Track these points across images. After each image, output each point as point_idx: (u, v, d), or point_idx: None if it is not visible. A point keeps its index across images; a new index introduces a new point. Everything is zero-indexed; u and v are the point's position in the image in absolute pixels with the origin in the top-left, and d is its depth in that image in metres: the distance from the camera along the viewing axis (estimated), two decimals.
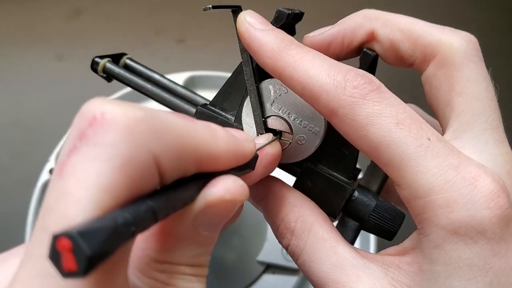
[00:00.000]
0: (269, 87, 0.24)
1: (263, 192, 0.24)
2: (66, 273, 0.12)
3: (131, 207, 0.14)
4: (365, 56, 0.24)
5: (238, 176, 0.18)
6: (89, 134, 0.14)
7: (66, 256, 0.12)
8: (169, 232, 0.17)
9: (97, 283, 0.13)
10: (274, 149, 0.23)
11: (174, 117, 0.16)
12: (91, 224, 0.12)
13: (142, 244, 0.18)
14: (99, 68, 0.28)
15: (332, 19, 0.26)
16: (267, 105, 0.24)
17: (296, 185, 0.25)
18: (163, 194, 0.15)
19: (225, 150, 0.18)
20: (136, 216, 0.13)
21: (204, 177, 0.17)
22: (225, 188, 0.17)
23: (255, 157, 0.21)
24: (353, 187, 0.24)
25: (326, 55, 0.21)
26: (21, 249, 0.19)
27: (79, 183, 0.13)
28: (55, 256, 0.12)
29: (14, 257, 0.18)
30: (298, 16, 0.25)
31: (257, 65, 0.23)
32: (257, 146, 0.22)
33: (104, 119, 0.14)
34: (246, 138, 0.20)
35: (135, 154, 0.14)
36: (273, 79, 0.24)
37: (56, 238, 0.12)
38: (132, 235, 0.13)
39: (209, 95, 0.27)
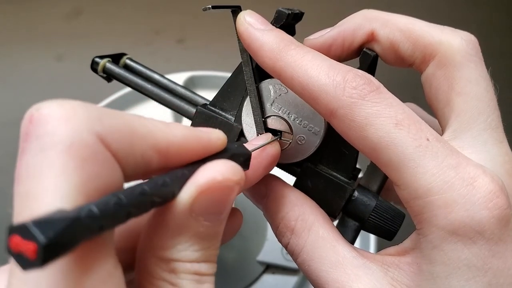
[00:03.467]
0: (269, 87, 0.24)
1: (264, 190, 0.24)
2: (26, 265, 0.12)
3: (98, 201, 0.13)
4: (365, 56, 0.24)
5: None
6: (30, 131, 0.14)
7: (23, 248, 0.11)
8: (170, 226, 0.17)
9: (73, 276, 0.13)
10: (273, 149, 0.23)
11: (117, 110, 0.16)
12: (49, 216, 0.12)
13: (147, 243, 0.17)
14: (99, 68, 0.28)
15: (332, 20, 0.26)
16: (267, 105, 0.24)
17: (296, 185, 0.25)
18: (135, 188, 0.15)
19: (182, 137, 0.17)
20: (103, 207, 0.13)
21: (185, 169, 0.17)
22: (215, 170, 0.17)
23: (249, 156, 0.20)
24: (353, 187, 0.24)
25: (328, 57, 0.21)
26: None
27: (34, 179, 0.14)
28: (19, 258, 0.12)
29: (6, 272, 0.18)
30: (298, 16, 0.25)
31: (257, 65, 0.23)
32: (256, 147, 0.22)
33: (40, 114, 0.14)
34: (212, 129, 0.19)
35: (77, 134, 0.14)
36: (273, 79, 0.24)
37: (12, 231, 0.12)
38: (100, 227, 0.13)
39: (209, 95, 0.27)
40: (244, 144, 0.21)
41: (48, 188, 0.13)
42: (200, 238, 0.17)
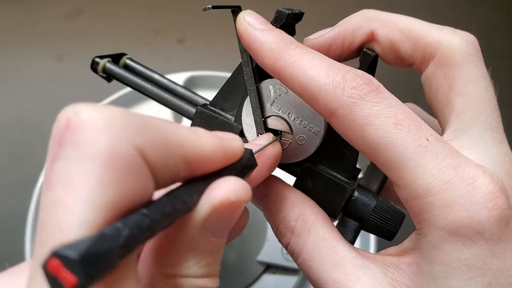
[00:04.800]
0: (269, 87, 0.24)
1: (264, 191, 0.24)
2: None
3: (129, 221, 0.13)
4: (364, 56, 0.24)
5: (244, 178, 0.18)
6: (67, 137, 0.14)
7: (63, 275, 0.11)
8: (178, 243, 0.17)
9: None
10: (275, 149, 0.23)
11: (152, 116, 0.16)
12: (77, 239, 0.12)
13: (152, 260, 0.17)
14: (99, 68, 0.28)
15: (332, 20, 0.26)
16: (267, 105, 0.24)
17: (296, 185, 0.25)
18: (158, 202, 0.15)
19: (211, 148, 0.17)
20: (127, 223, 0.13)
21: (200, 181, 0.17)
22: (229, 189, 0.17)
23: (252, 154, 0.20)
24: (353, 187, 0.24)
25: (327, 57, 0.21)
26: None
27: (66, 189, 0.13)
28: (53, 281, 0.11)
29: (26, 270, 0.18)
30: (298, 16, 0.25)
31: (257, 65, 0.23)
32: (258, 147, 0.22)
33: (79, 119, 0.14)
34: (232, 137, 0.19)
35: (118, 147, 0.13)
36: (273, 79, 0.24)
37: (46, 263, 0.11)
38: (128, 241, 0.13)
39: (209, 95, 0.27)
40: (245, 144, 0.21)
41: (81, 200, 0.13)
42: (206, 254, 0.17)
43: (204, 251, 0.17)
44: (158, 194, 0.16)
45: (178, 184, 0.17)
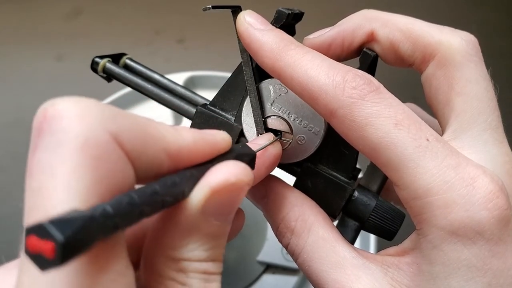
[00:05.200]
0: (269, 87, 0.24)
1: (264, 191, 0.24)
2: (44, 265, 0.12)
3: (111, 200, 0.13)
4: (365, 56, 0.24)
5: None
6: (44, 127, 0.14)
7: (41, 247, 0.11)
8: (180, 226, 0.17)
9: (86, 275, 0.13)
10: (276, 149, 0.23)
11: (131, 112, 0.16)
12: (65, 215, 0.12)
13: (156, 243, 0.17)
14: (99, 68, 0.28)
15: (332, 20, 0.26)
16: (267, 105, 0.24)
17: (296, 185, 0.25)
18: (147, 188, 0.15)
19: (192, 140, 0.17)
20: (116, 207, 0.13)
21: (192, 169, 0.17)
22: (228, 171, 0.17)
23: (254, 156, 0.20)
24: (353, 187, 0.24)
25: (327, 56, 0.21)
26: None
27: (47, 176, 0.13)
28: (38, 259, 0.12)
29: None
30: (298, 16, 0.25)
31: (257, 65, 0.23)
32: (259, 147, 0.22)
33: (55, 110, 0.14)
34: (217, 131, 0.19)
35: (92, 133, 0.14)
36: (273, 79, 0.24)
37: (29, 231, 0.12)
38: (114, 226, 0.13)
39: (209, 95, 0.27)
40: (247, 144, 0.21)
41: (61, 185, 0.13)
42: (209, 237, 0.17)
43: (206, 234, 0.17)
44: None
45: None
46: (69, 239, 0.12)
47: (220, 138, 0.19)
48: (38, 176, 0.14)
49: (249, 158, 0.20)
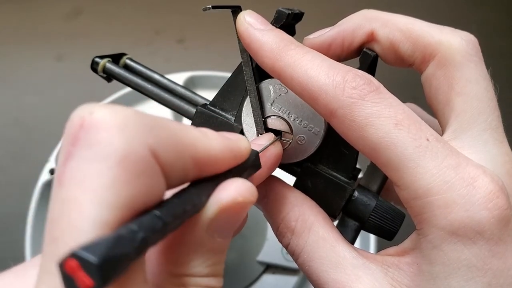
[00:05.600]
0: (269, 87, 0.24)
1: (264, 191, 0.24)
2: None
3: (137, 219, 0.13)
4: (365, 56, 0.24)
5: (247, 178, 0.18)
6: (81, 136, 0.14)
7: (79, 277, 0.11)
8: (184, 243, 0.17)
9: None
10: (276, 148, 0.23)
11: (163, 117, 0.16)
12: (94, 240, 0.12)
13: (158, 259, 0.17)
14: (99, 68, 0.28)
15: (332, 20, 0.26)
16: (267, 105, 0.24)
17: (296, 185, 0.25)
18: (169, 203, 0.15)
19: (220, 148, 0.17)
20: (142, 225, 0.13)
21: (208, 182, 0.17)
22: (236, 190, 0.17)
23: (258, 156, 0.21)
24: (353, 187, 0.24)
25: (327, 56, 0.21)
26: (37, 260, 0.19)
27: (80, 188, 0.13)
28: (69, 282, 0.12)
29: (31, 269, 0.18)
30: (298, 16, 0.25)
31: (257, 65, 0.23)
32: (259, 147, 0.22)
33: (94, 119, 0.14)
34: (238, 137, 0.19)
35: (132, 147, 0.14)
36: (273, 79, 0.24)
37: (63, 263, 0.12)
38: (142, 243, 0.13)
39: (209, 95, 0.27)
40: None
41: (94, 199, 0.13)
42: (212, 253, 0.17)
43: (210, 250, 0.17)
44: (167, 194, 0.16)
45: (187, 184, 0.17)
46: (108, 282, 0.12)
47: (243, 147, 0.19)
48: (70, 186, 0.13)
49: (256, 170, 0.20)
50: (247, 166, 0.19)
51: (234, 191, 0.17)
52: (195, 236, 0.17)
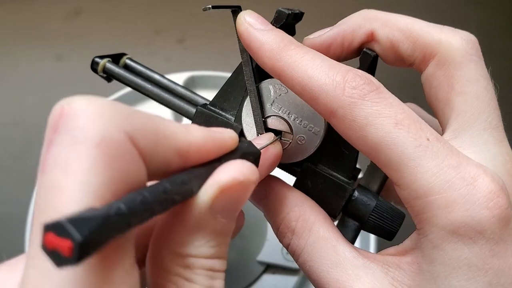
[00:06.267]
0: (269, 87, 0.24)
1: (264, 191, 0.24)
2: (60, 262, 0.12)
3: (125, 198, 0.14)
4: (365, 56, 0.24)
5: None
6: (60, 124, 0.14)
7: (58, 245, 0.12)
8: (189, 223, 0.17)
9: (96, 273, 0.13)
10: (276, 148, 0.23)
11: (144, 110, 0.16)
12: (82, 213, 0.12)
13: (163, 241, 0.18)
14: (99, 68, 0.28)
15: (332, 20, 0.26)
16: (267, 105, 0.24)
17: (296, 185, 0.25)
18: (156, 184, 0.15)
19: (202, 138, 0.18)
20: (130, 205, 0.13)
21: (200, 167, 0.17)
22: (237, 170, 0.17)
23: (258, 155, 0.21)
24: (353, 187, 0.24)
25: (327, 56, 0.21)
26: None
27: (62, 172, 0.14)
28: (54, 255, 0.12)
29: (22, 262, 0.18)
30: (298, 16, 0.25)
31: (257, 65, 0.23)
32: (259, 146, 0.22)
33: (72, 108, 0.14)
34: (225, 129, 0.20)
35: (108, 132, 0.14)
36: (273, 79, 0.24)
37: (47, 228, 0.12)
38: (128, 224, 0.13)
39: (209, 95, 0.27)
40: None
41: (76, 182, 0.13)
42: (216, 235, 0.18)
43: (213, 231, 0.17)
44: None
45: None
46: (87, 239, 0.12)
47: (228, 136, 0.19)
48: (53, 172, 0.14)
49: (254, 157, 0.20)
50: (239, 154, 0.19)
51: (234, 170, 0.17)
52: (197, 216, 0.17)
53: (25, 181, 0.50)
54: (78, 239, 0.12)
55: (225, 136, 0.19)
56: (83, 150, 0.14)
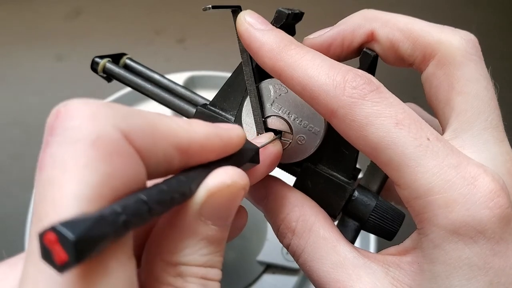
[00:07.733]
0: (269, 87, 0.24)
1: (264, 192, 0.24)
2: (61, 267, 0.12)
3: (121, 201, 0.14)
4: (365, 56, 0.24)
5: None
6: (57, 125, 0.15)
7: (56, 250, 0.12)
8: (178, 229, 0.17)
9: (95, 276, 0.13)
10: (276, 147, 0.23)
11: (141, 109, 0.17)
12: (76, 217, 0.12)
13: (154, 249, 0.17)
14: (99, 68, 0.28)
15: (332, 20, 0.26)
16: (267, 105, 0.24)
17: (296, 185, 0.25)
18: (155, 187, 0.15)
19: (205, 135, 0.17)
20: (126, 207, 0.14)
21: (200, 170, 0.17)
22: (224, 174, 0.17)
23: (257, 151, 0.21)
24: (353, 187, 0.24)
25: (327, 56, 0.21)
26: None
27: (59, 169, 0.14)
28: (47, 253, 0.12)
29: (22, 260, 0.18)
30: (298, 16, 0.25)
31: (257, 65, 0.23)
32: (259, 145, 0.22)
33: (67, 110, 0.15)
34: (232, 126, 0.19)
35: (103, 131, 0.14)
36: (273, 79, 0.24)
37: (42, 235, 0.12)
38: (124, 226, 0.13)
39: (209, 95, 0.27)
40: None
41: (73, 178, 0.14)
42: (208, 242, 0.17)
43: (204, 238, 0.17)
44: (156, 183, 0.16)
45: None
46: (82, 260, 0.12)
47: (235, 134, 0.19)
48: (50, 168, 0.14)
49: (252, 153, 0.20)
50: (244, 160, 0.19)
51: (222, 174, 0.17)
52: (187, 222, 0.17)
53: (25, 181, 0.49)
54: (72, 239, 0.12)
55: (232, 134, 0.19)
56: (79, 148, 0.14)
